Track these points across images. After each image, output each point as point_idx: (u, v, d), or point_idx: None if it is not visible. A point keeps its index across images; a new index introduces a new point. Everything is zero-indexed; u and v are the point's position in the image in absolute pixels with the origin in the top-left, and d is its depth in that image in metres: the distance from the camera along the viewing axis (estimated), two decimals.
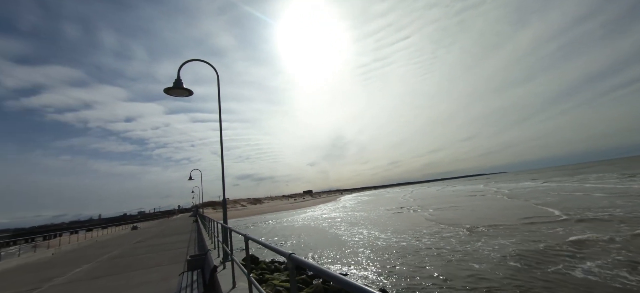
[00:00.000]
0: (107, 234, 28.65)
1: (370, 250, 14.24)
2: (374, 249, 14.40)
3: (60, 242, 21.80)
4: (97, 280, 7.58)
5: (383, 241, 16.18)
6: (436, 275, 9.83)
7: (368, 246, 15.17)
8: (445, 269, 10.32)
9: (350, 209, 50.56)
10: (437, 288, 8.81)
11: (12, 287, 8.05)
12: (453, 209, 30.33)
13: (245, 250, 3.06)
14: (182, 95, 6.90)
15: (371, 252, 14.03)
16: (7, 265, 12.41)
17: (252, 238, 2.99)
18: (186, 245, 13.10)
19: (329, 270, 1.31)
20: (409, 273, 10.44)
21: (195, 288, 4.42)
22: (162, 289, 6.02)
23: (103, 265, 9.91)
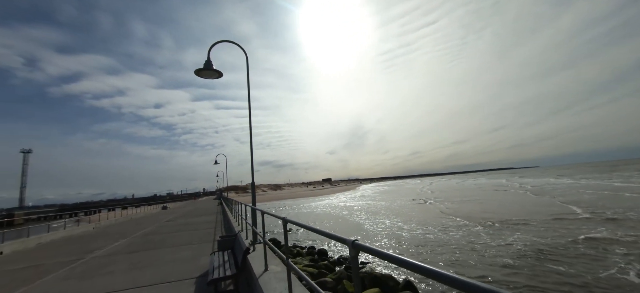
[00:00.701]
0: (140, 213, 30.59)
1: (396, 242, 13.95)
2: (399, 241, 14.09)
3: (99, 217, 23.56)
4: (133, 254, 7.99)
5: (407, 232, 15.80)
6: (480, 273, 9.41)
7: (392, 237, 14.88)
8: (484, 264, 9.90)
9: (369, 198, 50.31)
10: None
11: (60, 256, 8.72)
12: (477, 203, 29.16)
13: (284, 234, 2.92)
14: (212, 76, 6.87)
15: (397, 243, 13.73)
16: (54, 236, 13.55)
17: (293, 221, 2.84)
18: (213, 226, 13.55)
19: (414, 261, 1.07)
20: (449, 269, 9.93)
21: (227, 268, 4.43)
22: (193, 266, 6.19)
23: (138, 241, 10.47)
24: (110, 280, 5.62)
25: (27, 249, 10.78)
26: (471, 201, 31.10)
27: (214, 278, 4.00)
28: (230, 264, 4.66)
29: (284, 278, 3.81)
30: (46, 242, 12.46)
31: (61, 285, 5.54)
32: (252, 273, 4.28)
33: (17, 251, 10.45)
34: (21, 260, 8.58)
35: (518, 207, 22.97)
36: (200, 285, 4.93)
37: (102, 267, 6.79)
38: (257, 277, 3.93)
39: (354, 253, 1.47)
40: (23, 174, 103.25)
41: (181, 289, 4.80)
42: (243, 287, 4.47)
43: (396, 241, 14.10)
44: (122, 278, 5.65)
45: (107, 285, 5.27)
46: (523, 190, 40.25)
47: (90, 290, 5.09)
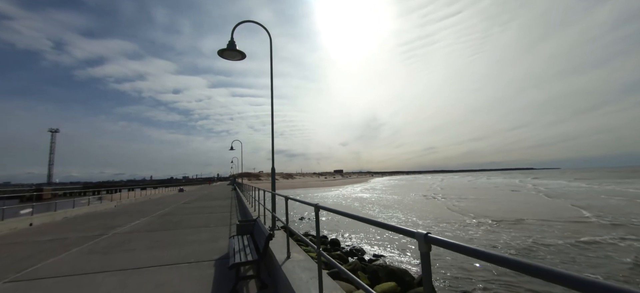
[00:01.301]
0: (158, 194, 31.61)
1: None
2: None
3: (120, 196, 24.48)
4: (153, 233, 8.12)
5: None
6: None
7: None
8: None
9: (381, 191, 49.98)
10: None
11: (84, 230, 9.00)
12: (491, 202, 28.25)
13: (316, 222, 2.71)
14: (235, 58, 6.69)
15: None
16: (79, 211, 14.12)
17: (329, 208, 2.63)
18: (228, 210, 13.69)
19: (506, 255, 0.83)
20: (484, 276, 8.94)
21: (248, 253, 4.31)
22: (212, 248, 6.17)
23: (157, 220, 10.69)
24: (132, 256, 5.68)
25: (54, 222, 11.25)
26: (479, 200, 30.66)
27: (236, 262, 3.88)
28: (251, 249, 4.55)
29: (309, 267, 3.64)
30: (71, 216, 12.99)
31: (85, 258, 5.65)
32: (274, 260, 4.14)
33: (45, 223, 10.93)
34: (48, 232, 8.93)
35: (524, 207, 23.01)
36: (220, 268, 4.87)
37: (123, 243, 6.92)
38: (280, 264, 3.78)
39: (425, 249, 1.22)
40: (51, 152, 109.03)
41: (201, 270, 4.75)
42: (264, 273, 4.35)
43: None
44: (143, 256, 5.70)
45: (129, 261, 5.32)
46: (536, 191, 39.15)
47: (113, 264, 5.15)
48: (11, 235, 8.66)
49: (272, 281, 4.19)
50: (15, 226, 9.85)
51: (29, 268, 5.05)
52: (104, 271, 4.82)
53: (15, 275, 4.75)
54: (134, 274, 4.63)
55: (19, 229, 9.73)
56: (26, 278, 4.58)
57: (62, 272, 4.81)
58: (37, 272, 4.86)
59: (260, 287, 4.02)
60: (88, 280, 4.40)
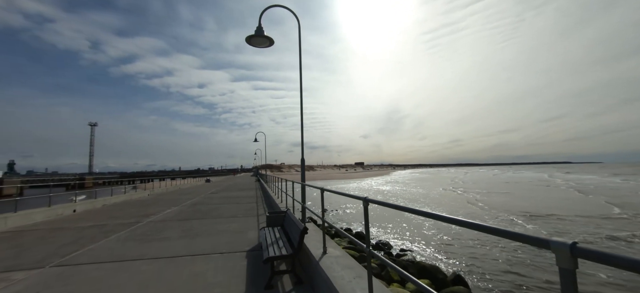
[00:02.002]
0: (187, 184, 33.00)
1: (448, 236, 12.91)
2: (452, 235, 13.03)
3: (153, 186, 25.78)
4: (184, 222, 8.27)
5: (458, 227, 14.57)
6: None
7: (443, 229, 13.75)
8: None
9: (404, 184, 48.83)
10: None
11: (121, 217, 9.41)
12: (515, 196, 26.74)
13: (365, 217, 2.40)
14: (263, 44, 6.46)
15: (449, 237, 12.73)
16: (117, 199, 14.94)
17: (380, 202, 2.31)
18: (254, 200, 13.81)
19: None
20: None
21: (281, 246, 4.13)
22: (242, 239, 6.11)
23: (187, 210, 10.97)
24: (166, 245, 5.74)
25: (95, 209, 11.94)
26: (502, 194, 29.69)
27: (271, 256, 3.69)
28: (284, 242, 4.36)
29: (349, 265, 3.36)
30: (110, 204, 13.76)
31: (123, 245, 5.80)
32: (309, 255, 3.91)
33: (87, 210, 11.62)
34: (89, 218, 9.44)
35: (551, 203, 22.00)
36: (252, 260, 4.75)
37: (158, 231, 7.08)
38: (317, 260, 3.54)
39: (570, 265, 0.86)
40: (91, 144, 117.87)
41: (234, 261, 4.65)
42: (298, 268, 4.14)
43: (449, 236, 13.10)
44: (176, 244, 5.74)
45: (164, 250, 5.36)
46: (566, 186, 36.63)
47: (149, 252, 5.21)
48: (57, 220, 9.25)
49: (307, 277, 3.97)
50: (61, 212, 10.54)
51: (72, 254, 5.24)
52: (141, 259, 4.88)
53: (60, 259, 4.93)
54: (169, 263, 4.63)
55: (64, 215, 10.41)
56: (70, 263, 4.74)
57: (102, 258, 4.92)
58: (79, 258, 5.03)
59: (295, 282, 3.81)
60: (126, 268, 4.45)
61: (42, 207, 10.04)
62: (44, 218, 9.55)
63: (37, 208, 9.85)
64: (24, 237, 6.83)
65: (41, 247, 5.79)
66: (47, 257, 5.09)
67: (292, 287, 3.72)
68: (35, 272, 4.33)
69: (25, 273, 4.30)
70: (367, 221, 2.41)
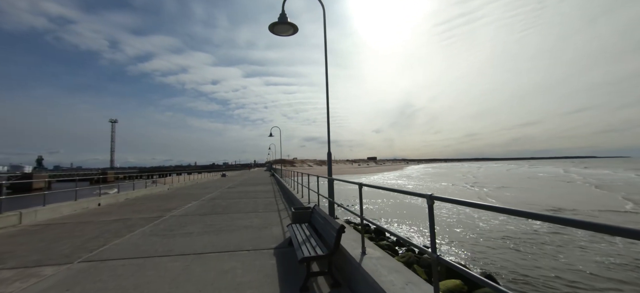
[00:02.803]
0: (203, 178, 33.54)
1: (475, 234, 12.29)
2: (480, 233, 12.41)
3: (172, 180, 26.30)
4: (205, 216, 8.18)
5: (484, 222, 13.92)
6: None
7: (471, 228, 13.06)
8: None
9: (419, 180, 47.89)
10: None
11: (144, 212, 9.46)
12: (526, 191, 25.85)
13: (430, 218, 2.05)
14: (286, 32, 6.14)
15: (476, 235, 12.13)
16: (138, 193, 15.21)
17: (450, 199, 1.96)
18: (272, 195, 13.68)
19: None
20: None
21: (314, 245, 3.84)
22: (266, 235, 5.89)
23: (207, 204, 10.93)
24: (190, 241, 5.60)
25: (118, 203, 12.15)
26: (513, 188, 29.33)
27: (306, 256, 3.41)
28: (316, 241, 4.07)
29: (396, 268, 3.02)
30: (132, 198, 14.00)
31: (147, 240, 5.71)
32: (346, 256, 3.60)
33: (110, 204, 11.83)
34: (113, 212, 9.55)
35: (564, 198, 21.57)
36: (281, 258, 4.50)
37: (180, 226, 6.99)
38: (358, 262, 3.22)
39: None
40: (112, 140, 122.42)
41: (262, 259, 4.42)
42: (334, 269, 3.84)
43: (476, 233, 12.50)
44: (200, 240, 5.59)
45: (188, 246, 5.21)
46: (582, 180, 35.54)
47: (174, 248, 5.07)
48: (83, 214, 9.40)
49: (345, 279, 3.67)
50: (86, 206, 10.76)
51: (99, 249, 5.18)
52: (166, 255, 4.74)
53: (88, 254, 4.87)
54: (195, 260, 4.46)
55: (89, 208, 10.61)
56: (97, 258, 4.65)
57: (128, 254, 4.82)
58: (106, 253, 4.95)
59: (332, 284, 3.52)
60: (153, 264, 4.31)
61: (69, 200, 10.27)
62: (70, 212, 9.75)
63: (64, 202, 10.07)
64: (53, 231, 6.90)
65: (69, 241, 5.79)
66: (75, 252, 5.04)
67: (329, 290, 3.43)
68: (64, 268, 4.26)
69: (55, 269, 4.23)
70: (433, 222, 2.06)
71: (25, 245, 5.60)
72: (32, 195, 9.37)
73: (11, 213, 7.67)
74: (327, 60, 6.16)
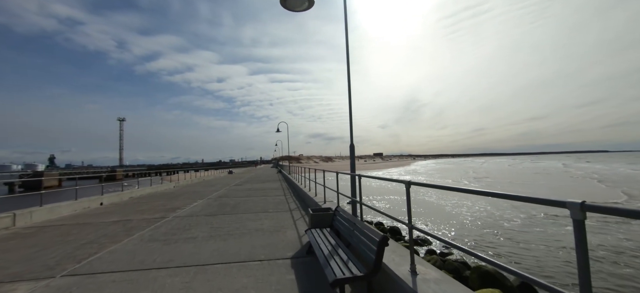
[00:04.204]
0: (210, 175, 33.13)
1: (499, 233, 11.37)
2: (504, 231, 11.48)
3: (178, 177, 25.88)
4: (212, 217, 7.48)
5: (507, 221, 12.95)
6: None
7: (495, 226, 12.09)
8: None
9: (426, 175, 46.97)
10: None
11: (147, 212, 8.83)
12: (522, 185, 24.22)
13: None
14: (300, 6, 5.31)
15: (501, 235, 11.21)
16: (143, 192, 14.69)
17: None
18: (281, 193, 12.96)
19: None
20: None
21: (346, 260, 3.05)
22: (280, 240, 5.13)
23: (214, 203, 10.26)
24: (194, 247, 4.87)
25: (121, 202, 11.59)
26: (514, 184, 29.67)
27: (340, 278, 2.62)
28: (346, 253, 3.28)
29: None
30: (136, 196, 13.46)
31: (146, 247, 5.01)
32: (392, 277, 2.79)
33: (113, 203, 11.28)
34: (115, 212, 8.94)
35: (555, 191, 22.26)
36: (300, 271, 3.72)
37: (184, 229, 6.29)
38: (411, 287, 2.41)
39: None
40: (120, 138, 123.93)
41: (278, 273, 3.64)
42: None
43: (501, 233, 11.56)
44: (206, 247, 4.86)
45: (191, 254, 4.49)
46: (584, 175, 36.75)
47: (174, 257, 4.35)
48: (83, 214, 8.82)
49: None
50: (88, 205, 10.20)
51: (89, 258, 4.49)
52: (165, 266, 4.02)
53: (75, 266, 4.18)
54: (199, 274, 3.72)
55: (91, 208, 10.05)
56: (83, 271, 3.95)
57: (120, 266, 4.11)
58: (95, 264, 4.25)
59: None
60: (147, 281, 3.58)
61: (70, 200, 9.73)
62: (70, 212, 9.19)
63: (65, 201, 9.53)
64: (46, 234, 6.29)
65: (58, 248, 5.13)
66: (61, 262, 4.37)
67: None
68: (41, 285, 3.57)
69: (30, 287, 3.54)
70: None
71: (10, 252, 4.97)
72: (31, 195, 8.83)
73: (4, 214, 7.10)
74: (348, 43, 5.32)
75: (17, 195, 9.15)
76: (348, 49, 5.31)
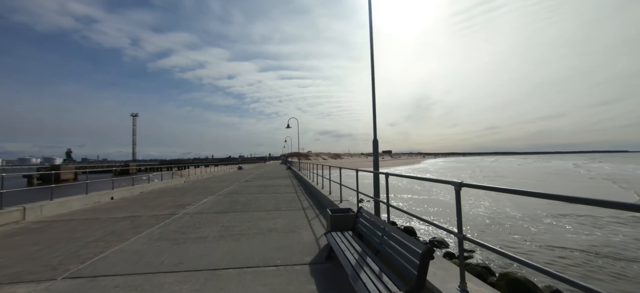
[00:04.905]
0: (220, 171, 33.19)
1: (527, 239, 10.69)
2: (534, 236, 10.80)
3: (189, 173, 25.96)
4: (222, 215, 7.17)
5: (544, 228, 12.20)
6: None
7: (521, 231, 11.40)
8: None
9: (437, 173, 45.94)
10: None
11: (156, 208, 8.61)
12: (533, 187, 22.88)
13: None
14: None
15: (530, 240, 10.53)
16: (154, 186, 14.61)
17: None
18: (292, 189, 12.61)
19: None
20: None
21: (380, 273, 2.61)
22: (296, 242, 4.73)
23: (224, 200, 9.99)
24: (204, 249, 4.53)
25: (132, 197, 11.47)
26: (522, 184, 28.37)
27: None
28: (377, 264, 2.84)
29: None
30: (147, 191, 13.37)
31: (153, 246, 4.70)
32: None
33: (124, 198, 11.17)
34: (125, 208, 8.77)
35: (560, 190, 21.11)
36: (321, 279, 3.31)
37: (194, 228, 5.98)
38: None
39: None
40: (133, 133, 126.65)
41: (297, 282, 3.24)
42: None
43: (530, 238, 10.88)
44: (217, 249, 4.51)
45: (201, 257, 4.14)
46: (596, 175, 35.68)
47: (183, 260, 4.02)
48: (93, 209, 8.68)
49: None
50: (98, 200, 10.10)
51: (93, 258, 4.21)
52: (173, 270, 3.68)
53: (78, 267, 3.89)
54: (209, 281, 3.35)
55: (101, 202, 9.94)
56: (86, 273, 3.66)
57: (125, 268, 3.80)
58: (99, 265, 3.96)
59: None
60: (153, 286, 3.24)
61: (81, 194, 9.63)
62: (81, 206, 9.08)
63: (76, 195, 9.43)
64: (54, 230, 6.10)
65: (64, 245, 4.89)
66: (64, 262, 4.10)
67: None
68: (41, 288, 3.28)
69: (30, 289, 3.26)
70: None
71: (15, 249, 4.75)
72: (42, 188, 8.74)
73: (14, 208, 6.97)
74: (372, 36, 4.83)
75: (29, 189, 9.10)
76: (372, 49, 4.83)
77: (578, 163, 72.43)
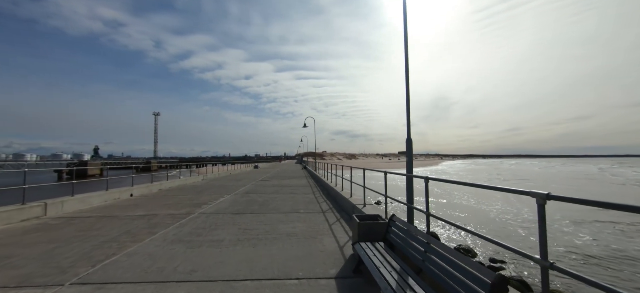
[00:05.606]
0: (236, 169, 33.45)
1: (575, 253, 9.72)
2: (583, 252, 9.79)
3: (206, 171, 26.27)
4: (239, 216, 6.87)
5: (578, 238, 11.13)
6: None
7: (566, 244, 10.37)
8: None
9: (458, 176, 44.07)
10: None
11: (173, 206, 8.47)
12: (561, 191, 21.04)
13: None
14: None
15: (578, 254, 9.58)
16: (172, 184, 14.70)
17: None
18: (309, 190, 12.22)
19: None
20: None
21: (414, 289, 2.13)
22: (318, 250, 4.30)
23: (241, 199, 9.74)
24: (219, 254, 4.20)
25: (150, 194, 11.51)
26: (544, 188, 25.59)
27: None
28: (423, 287, 2.35)
29: None
30: (165, 188, 13.44)
31: (168, 250, 4.42)
32: None
33: (143, 195, 11.21)
34: (142, 205, 8.70)
35: (583, 195, 19.35)
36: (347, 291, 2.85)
37: (209, 229, 5.70)
38: None
39: None
40: (155, 132, 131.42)
41: None
42: None
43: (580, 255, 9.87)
44: (232, 256, 4.16)
45: (217, 264, 3.79)
46: (621, 180, 33.20)
47: (198, 266, 3.69)
48: (111, 206, 8.67)
49: None
50: (118, 196, 10.15)
51: (105, 261, 3.97)
52: (186, 280, 3.34)
53: (88, 270, 3.65)
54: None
55: (121, 199, 9.97)
56: (95, 279, 3.39)
57: (137, 275, 3.51)
58: (110, 270, 3.70)
59: None
60: None
61: (101, 190, 9.70)
62: (100, 202, 9.11)
63: (96, 191, 9.50)
64: (71, 227, 6.01)
65: (77, 245, 4.72)
66: (76, 263, 3.88)
67: None
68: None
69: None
70: None
71: (29, 247, 4.63)
72: (66, 183, 8.87)
73: (35, 203, 7.00)
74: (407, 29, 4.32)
75: (54, 184, 9.28)
76: (407, 54, 4.32)
77: (604, 167, 67.62)
